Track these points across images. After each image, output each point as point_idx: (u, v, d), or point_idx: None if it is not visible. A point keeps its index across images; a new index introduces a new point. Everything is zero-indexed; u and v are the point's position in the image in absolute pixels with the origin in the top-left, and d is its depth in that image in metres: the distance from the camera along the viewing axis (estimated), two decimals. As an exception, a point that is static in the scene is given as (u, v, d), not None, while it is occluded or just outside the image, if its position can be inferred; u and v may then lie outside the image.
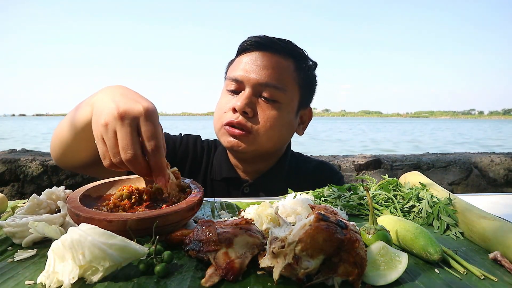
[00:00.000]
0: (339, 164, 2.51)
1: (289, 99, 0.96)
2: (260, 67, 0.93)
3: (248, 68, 0.93)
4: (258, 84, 0.92)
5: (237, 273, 0.42)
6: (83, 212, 0.50)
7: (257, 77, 0.92)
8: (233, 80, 0.95)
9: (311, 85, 1.05)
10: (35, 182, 2.27)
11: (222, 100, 0.99)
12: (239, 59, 0.98)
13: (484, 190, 2.61)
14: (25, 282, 0.41)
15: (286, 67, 0.96)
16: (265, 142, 0.94)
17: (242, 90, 0.94)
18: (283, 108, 0.94)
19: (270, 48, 0.95)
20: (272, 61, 0.94)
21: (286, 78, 0.95)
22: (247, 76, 0.93)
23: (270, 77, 0.92)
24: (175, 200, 0.59)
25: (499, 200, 0.87)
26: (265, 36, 0.97)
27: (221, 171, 1.04)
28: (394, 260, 0.43)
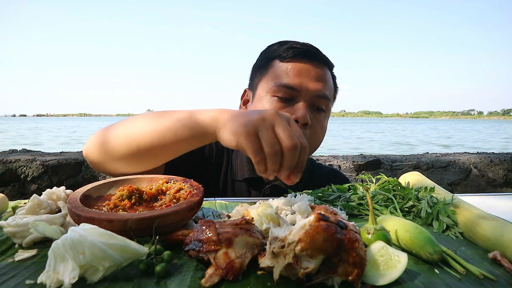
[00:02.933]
0: (339, 164, 2.51)
1: (330, 107, 1.02)
2: (316, 78, 0.95)
3: (305, 78, 0.94)
4: (315, 95, 0.94)
5: (237, 273, 0.42)
6: (84, 212, 0.50)
7: (315, 87, 0.94)
8: (287, 87, 0.94)
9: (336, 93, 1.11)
10: (36, 182, 2.27)
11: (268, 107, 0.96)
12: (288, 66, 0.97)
13: (484, 190, 2.61)
14: (25, 282, 0.41)
15: (330, 78, 1.01)
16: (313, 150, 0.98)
17: (293, 98, 0.94)
18: (326, 116, 1.01)
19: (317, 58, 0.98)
20: (322, 72, 0.97)
21: (331, 88, 1.01)
22: (305, 86, 0.93)
23: (324, 88, 0.96)
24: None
25: (499, 200, 0.87)
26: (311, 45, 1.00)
27: (243, 171, 1.04)
28: (394, 260, 0.43)
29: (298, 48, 0.98)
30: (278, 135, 0.59)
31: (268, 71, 1.00)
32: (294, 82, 0.93)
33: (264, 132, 0.59)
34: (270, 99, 0.96)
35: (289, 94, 0.94)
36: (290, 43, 1.00)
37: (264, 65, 1.02)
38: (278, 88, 0.94)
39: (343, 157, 2.70)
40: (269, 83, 0.97)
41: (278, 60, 0.99)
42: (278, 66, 0.98)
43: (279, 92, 0.94)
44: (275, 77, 0.97)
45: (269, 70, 1.00)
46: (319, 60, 0.99)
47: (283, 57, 0.98)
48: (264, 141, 0.59)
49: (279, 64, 0.98)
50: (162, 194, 0.64)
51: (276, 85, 0.95)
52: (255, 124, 0.59)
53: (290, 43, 1.00)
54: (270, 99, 0.96)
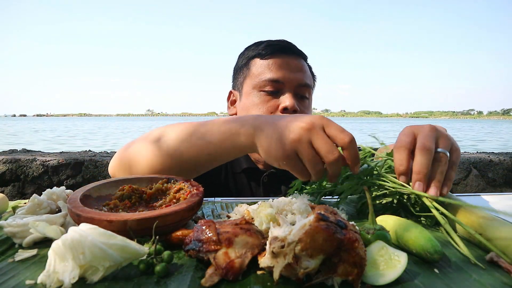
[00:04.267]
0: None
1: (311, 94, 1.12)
2: (295, 69, 1.05)
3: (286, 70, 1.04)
4: (298, 85, 1.04)
5: (237, 273, 0.42)
6: (84, 212, 0.50)
7: (297, 78, 1.04)
8: (271, 81, 1.03)
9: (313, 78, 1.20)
10: (36, 182, 2.27)
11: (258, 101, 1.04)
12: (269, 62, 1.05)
13: (483, 190, 2.61)
14: (25, 281, 0.41)
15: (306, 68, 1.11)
16: None
17: (279, 91, 1.04)
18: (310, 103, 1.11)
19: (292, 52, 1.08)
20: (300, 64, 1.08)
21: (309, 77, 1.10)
22: (288, 77, 1.03)
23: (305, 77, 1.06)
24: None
25: (498, 200, 0.88)
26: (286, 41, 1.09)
27: (240, 163, 1.11)
28: (394, 259, 0.43)
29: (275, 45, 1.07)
30: (318, 151, 0.57)
31: (251, 69, 1.09)
32: (278, 76, 1.03)
33: (303, 152, 0.58)
34: (257, 94, 1.05)
35: (274, 87, 1.03)
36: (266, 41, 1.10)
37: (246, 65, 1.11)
38: (264, 82, 1.03)
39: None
40: (254, 80, 1.06)
41: (259, 58, 1.08)
42: (260, 63, 1.07)
43: (265, 86, 1.04)
44: (259, 74, 1.06)
45: (252, 68, 1.09)
46: (295, 53, 1.08)
47: (262, 54, 1.07)
48: (306, 162, 0.59)
49: (260, 62, 1.07)
50: (162, 194, 0.64)
51: (261, 80, 1.04)
52: (293, 146, 0.58)
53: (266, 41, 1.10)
54: (258, 94, 1.05)
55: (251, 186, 1.11)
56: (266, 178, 1.10)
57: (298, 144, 0.58)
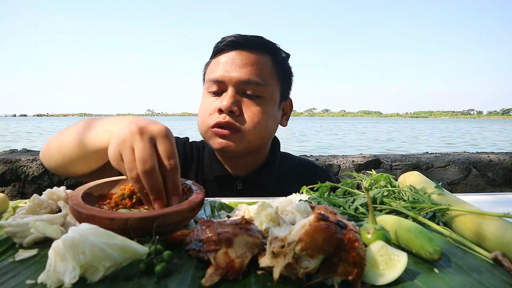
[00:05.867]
0: (339, 164, 2.51)
1: (271, 93, 0.97)
2: (240, 65, 0.93)
3: (228, 68, 0.94)
4: (240, 82, 0.93)
5: (237, 273, 0.42)
6: (85, 210, 0.50)
7: (238, 75, 0.93)
8: (214, 81, 0.95)
9: (289, 77, 1.07)
10: (36, 182, 2.27)
11: (205, 103, 0.98)
12: (216, 60, 0.98)
13: (483, 190, 2.62)
14: (26, 281, 0.41)
15: (264, 62, 0.97)
16: (254, 137, 0.95)
17: (224, 91, 0.95)
18: (266, 103, 0.96)
19: (246, 46, 0.96)
20: (251, 58, 0.95)
21: (266, 73, 0.96)
22: (228, 76, 0.93)
23: (251, 73, 0.93)
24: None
25: (498, 200, 0.88)
26: (239, 34, 0.98)
27: (212, 170, 1.03)
28: (394, 259, 0.43)
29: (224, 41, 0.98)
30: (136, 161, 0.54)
31: (207, 70, 1.03)
32: (218, 75, 0.95)
33: (124, 155, 0.56)
34: (206, 95, 0.99)
35: (218, 87, 0.95)
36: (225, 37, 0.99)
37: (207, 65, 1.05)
38: (209, 84, 0.97)
39: (342, 156, 2.70)
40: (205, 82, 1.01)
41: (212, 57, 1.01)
42: (210, 63, 1.01)
43: (210, 87, 0.97)
44: (208, 74, 1.00)
45: (208, 68, 1.02)
46: (247, 47, 0.96)
47: (215, 52, 1.00)
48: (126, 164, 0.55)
49: (211, 61, 1.01)
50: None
51: (207, 81, 0.98)
52: (119, 147, 0.57)
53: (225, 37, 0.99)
54: (206, 95, 0.99)
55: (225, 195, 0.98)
56: (241, 185, 1.02)
57: (122, 146, 0.56)
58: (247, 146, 0.95)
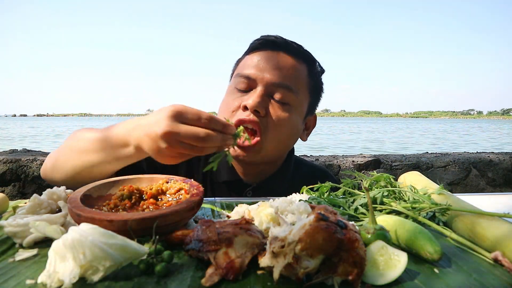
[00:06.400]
0: (339, 164, 2.51)
1: (299, 102, 0.93)
2: (275, 66, 0.90)
3: (262, 66, 0.90)
4: (271, 84, 0.89)
5: (237, 273, 0.42)
6: (84, 212, 0.50)
7: (271, 76, 0.89)
8: (244, 77, 0.91)
9: (319, 92, 1.03)
10: (36, 182, 2.27)
11: (229, 98, 0.94)
12: (250, 57, 0.94)
13: (483, 190, 2.61)
14: (26, 281, 0.41)
15: (300, 69, 0.93)
16: (274, 145, 0.91)
17: (252, 89, 0.91)
18: (293, 111, 0.92)
19: (285, 49, 0.93)
20: (287, 62, 0.91)
21: (299, 81, 0.93)
22: (260, 74, 0.89)
23: (285, 77, 0.90)
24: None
25: (498, 200, 0.88)
26: (280, 36, 0.94)
27: (222, 174, 0.99)
28: (394, 259, 0.43)
29: (265, 39, 0.94)
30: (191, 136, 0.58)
31: (238, 65, 0.99)
32: (250, 72, 0.90)
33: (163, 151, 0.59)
34: (231, 91, 0.95)
35: (246, 84, 0.91)
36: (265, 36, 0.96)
37: (239, 61, 1.01)
38: (237, 79, 0.93)
39: (342, 156, 2.70)
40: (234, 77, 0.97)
41: (247, 53, 0.98)
42: (244, 59, 0.97)
43: (238, 83, 0.92)
44: (238, 70, 0.96)
45: (239, 64, 0.99)
46: (286, 50, 0.93)
47: (251, 49, 0.97)
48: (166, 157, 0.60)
49: (246, 57, 0.97)
50: (162, 194, 0.64)
51: (237, 76, 0.94)
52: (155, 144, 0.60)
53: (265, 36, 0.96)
54: (232, 91, 0.95)
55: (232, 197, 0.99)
56: (250, 193, 0.99)
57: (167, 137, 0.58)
58: (264, 156, 0.92)
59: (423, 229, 0.51)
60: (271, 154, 0.93)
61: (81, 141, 0.79)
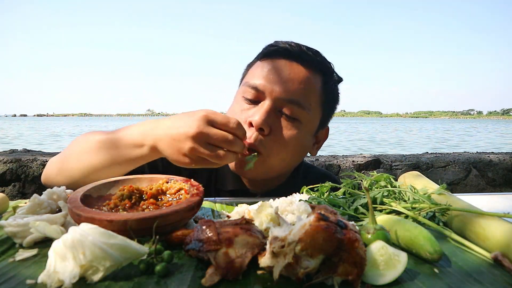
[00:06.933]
0: (339, 164, 2.51)
1: (310, 119, 0.87)
2: (286, 78, 0.83)
3: (272, 78, 0.83)
4: (280, 98, 0.82)
5: (237, 273, 0.42)
6: (84, 212, 0.50)
7: (280, 90, 0.82)
8: (252, 87, 0.85)
9: (334, 104, 0.96)
10: (36, 182, 2.27)
11: (236, 108, 0.88)
12: (261, 64, 0.88)
13: (483, 190, 2.61)
14: (26, 281, 0.41)
15: (313, 83, 0.86)
16: (276, 164, 0.86)
17: (261, 100, 0.85)
18: (302, 128, 0.86)
19: (299, 58, 0.85)
20: (300, 74, 0.84)
21: (312, 95, 0.86)
22: (270, 87, 0.83)
23: (296, 92, 0.83)
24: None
25: (498, 200, 0.88)
26: (295, 43, 0.87)
27: (227, 182, 0.95)
28: (394, 259, 0.43)
29: (279, 47, 0.87)
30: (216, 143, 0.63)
31: (248, 71, 0.93)
32: (259, 82, 0.84)
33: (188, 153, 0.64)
34: (239, 99, 0.89)
35: (254, 95, 0.85)
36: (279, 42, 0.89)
37: (250, 65, 0.95)
38: (245, 88, 0.87)
39: (342, 156, 2.70)
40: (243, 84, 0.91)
41: (259, 59, 0.91)
42: (255, 65, 0.91)
43: (246, 92, 0.86)
44: (247, 77, 0.90)
45: (250, 70, 0.92)
46: (301, 60, 0.85)
47: (261, 55, 0.90)
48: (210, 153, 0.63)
49: (257, 63, 0.90)
50: (162, 194, 0.64)
51: (245, 85, 0.88)
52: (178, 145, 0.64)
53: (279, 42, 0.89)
54: (239, 99, 0.89)
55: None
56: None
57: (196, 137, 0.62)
58: (266, 172, 0.87)
59: (423, 229, 0.51)
60: (273, 171, 0.89)
61: (90, 142, 0.78)
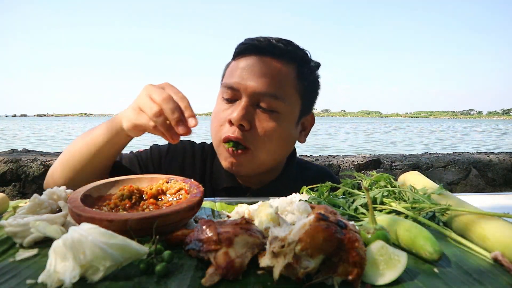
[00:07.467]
0: (339, 164, 2.51)
1: (289, 108, 0.89)
2: (258, 74, 0.85)
3: (245, 75, 0.86)
4: (255, 93, 0.85)
5: (237, 273, 0.42)
6: (84, 212, 0.50)
7: (254, 85, 0.85)
8: (228, 87, 0.88)
9: (314, 90, 0.98)
10: (37, 182, 2.27)
11: (217, 110, 0.92)
12: (235, 64, 0.91)
13: (483, 190, 2.62)
14: (26, 281, 0.41)
15: (286, 73, 0.88)
16: (265, 157, 0.89)
17: (238, 99, 0.88)
18: (282, 119, 0.88)
19: (270, 52, 0.88)
20: (272, 67, 0.86)
21: (286, 86, 0.88)
22: (243, 84, 0.85)
23: (269, 85, 0.85)
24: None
25: (498, 200, 0.88)
26: (264, 38, 0.88)
27: (222, 180, 0.98)
28: (394, 259, 0.43)
29: (249, 44, 0.89)
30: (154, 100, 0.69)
31: (225, 72, 0.95)
32: (232, 81, 0.87)
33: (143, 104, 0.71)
34: (219, 101, 0.92)
35: (232, 94, 0.88)
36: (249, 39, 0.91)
37: (226, 66, 0.97)
38: (223, 89, 0.90)
39: (342, 156, 2.70)
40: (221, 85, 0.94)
41: (233, 59, 0.94)
42: (230, 65, 0.93)
43: (224, 93, 0.89)
44: (225, 78, 0.93)
45: (226, 71, 0.95)
46: (271, 53, 0.87)
47: (235, 54, 0.92)
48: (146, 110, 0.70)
49: (232, 63, 0.93)
50: (162, 194, 0.64)
51: (222, 86, 0.91)
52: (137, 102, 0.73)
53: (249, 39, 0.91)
54: (219, 101, 0.92)
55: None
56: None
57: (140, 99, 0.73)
58: (258, 167, 0.90)
59: (423, 229, 0.51)
60: (264, 165, 0.92)
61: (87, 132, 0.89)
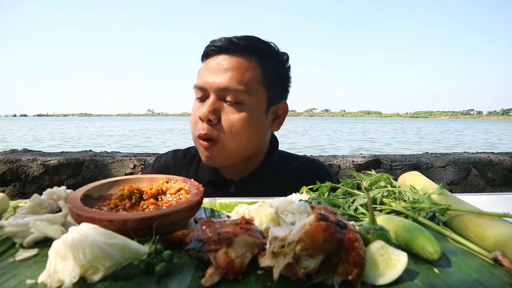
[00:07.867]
0: (339, 164, 2.51)
1: (254, 99, 0.93)
2: (222, 71, 0.91)
3: (210, 74, 0.92)
4: (220, 89, 0.91)
5: (237, 273, 0.42)
6: (84, 212, 0.50)
7: (218, 81, 0.91)
8: (198, 88, 0.95)
9: (282, 80, 1.02)
10: (36, 182, 2.27)
11: (193, 109, 0.99)
12: (203, 65, 0.98)
13: (483, 190, 2.62)
14: (26, 281, 0.41)
15: (248, 66, 0.93)
16: (234, 147, 0.93)
17: (208, 97, 0.94)
18: (248, 109, 0.92)
19: (231, 49, 0.93)
20: (232, 63, 0.92)
21: (248, 78, 0.92)
22: (209, 82, 0.92)
23: (231, 79, 0.90)
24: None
25: (498, 200, 0.88)
26: (225, 37, 0.95)
27: (205, 174, 1.04)
28: (394, 259, 0.43)
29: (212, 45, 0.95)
30: None
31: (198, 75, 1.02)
32: (201, 81, 0.94)
33: None
34: (194, 102, 0.99)
35: (202, 94, 0.94)
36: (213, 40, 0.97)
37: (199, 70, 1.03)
38: (195, 90, 0.97)
39: (342, 156, 2.70)
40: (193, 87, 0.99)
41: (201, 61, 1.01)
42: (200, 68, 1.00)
43: (196, 94, 0.97)
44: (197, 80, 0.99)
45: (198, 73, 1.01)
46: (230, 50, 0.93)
47: (202, 57, 1.00)
48: None
49: (201, 66, 1.00)
50: (162, 194, 0.64)
51: (194, 88, 0.98)
52: None
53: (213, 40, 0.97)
54: (194, 102, 0.99)
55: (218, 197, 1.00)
56: (233, 189, 1.02)
57: None
58: (229, 157, 0.94)
59: (423, 229, 0.51)
60: (237, 155, 0.95)
61: None
